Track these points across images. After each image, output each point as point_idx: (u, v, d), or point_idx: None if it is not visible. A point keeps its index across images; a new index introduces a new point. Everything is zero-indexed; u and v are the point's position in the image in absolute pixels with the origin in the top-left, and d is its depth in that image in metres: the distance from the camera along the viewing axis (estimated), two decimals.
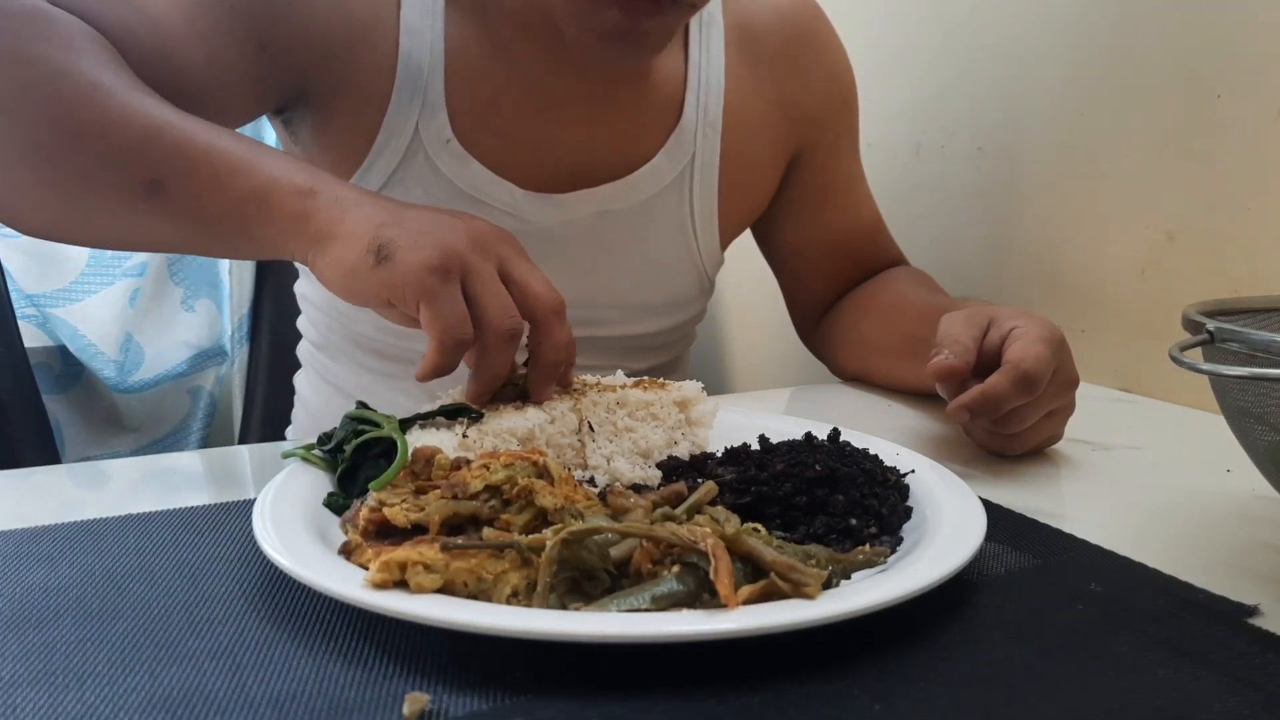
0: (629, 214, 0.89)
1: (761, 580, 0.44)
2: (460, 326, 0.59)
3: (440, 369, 0.60)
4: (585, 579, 0.45)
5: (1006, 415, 0.68)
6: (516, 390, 0.65)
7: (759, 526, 0.49)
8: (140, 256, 1.63)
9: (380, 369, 0.92)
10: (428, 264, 0.59)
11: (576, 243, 0.88)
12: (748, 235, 1.05)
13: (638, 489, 0.59)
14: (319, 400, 0.99)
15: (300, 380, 1.03)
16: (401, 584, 0.44)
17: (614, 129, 0.88)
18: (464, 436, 0.62)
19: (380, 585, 0.44)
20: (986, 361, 0.70)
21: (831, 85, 0.98)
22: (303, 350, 1.02)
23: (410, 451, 0.57)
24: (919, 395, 0.89)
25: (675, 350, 1.02)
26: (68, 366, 1.63)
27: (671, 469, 0.63)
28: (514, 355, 0.63)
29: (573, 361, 0.65)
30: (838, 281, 1.04)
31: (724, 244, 0.97)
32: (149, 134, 0.65)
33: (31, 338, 1.54)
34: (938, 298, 0.95)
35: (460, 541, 0.46)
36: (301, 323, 1.01)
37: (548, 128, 0.86)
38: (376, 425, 0.60)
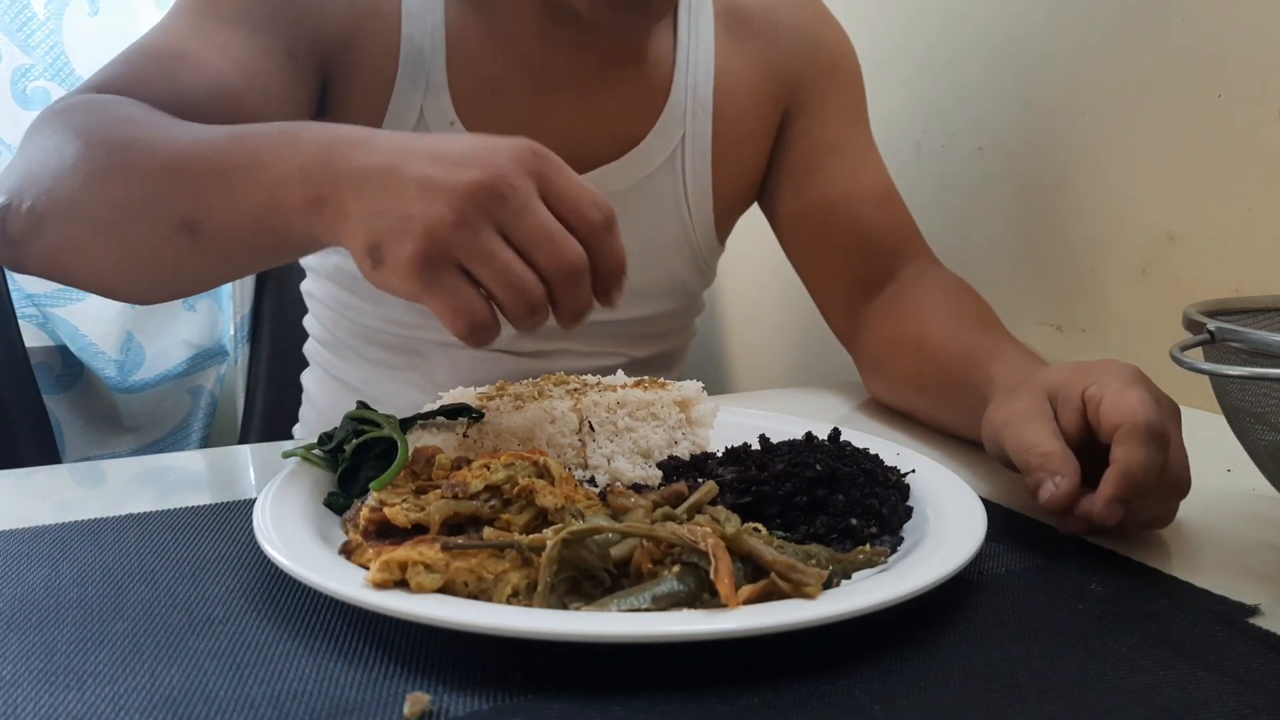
0: (623, 196, 0.90)
1: (762, 580, 0.44)
2: (468, 312, 0.53)
3: (477, 346, 0.55)
4: (585, 579, 0.45)
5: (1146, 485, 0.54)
6: None
7: (759, 526, 0.49)
8: None
9: (386, 360, 0.94)
10: (411, 262, 0.52)
11: None
12: (749, 237, 1.05)
13: (638, 489, 0.59)
14: (325, 396, 1.00)
15: (307, 378, 1.05)
16: (402, 584, 0.44)
17: (608, 111, 0.89)
18: (464, 436, 0.62)
19: (380, 585, 0.44)
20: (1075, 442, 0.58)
21: (816, 51, 0.98)
22: (309, 348, 1.03)
23: (410, 451, 0.57)
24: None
25: (675, 340, 1.02)
26: (68, 366, 1.63)
27: (672, 469, 0.63)
28: (587, 286, 0.55)
29: (623, 272, 0.57)
30: (849, 259, 0.96)
31: (720, 225, 0.97)
32: (173, 171, 0.63)
33: (32, 337, 1.54)
34: (971, 337, 0.81)
35: (460, 541, 0.46)
36: (308, 321, 1.02)
37: (545, 109, 0.87)
38: (377, 425, 0.60)
